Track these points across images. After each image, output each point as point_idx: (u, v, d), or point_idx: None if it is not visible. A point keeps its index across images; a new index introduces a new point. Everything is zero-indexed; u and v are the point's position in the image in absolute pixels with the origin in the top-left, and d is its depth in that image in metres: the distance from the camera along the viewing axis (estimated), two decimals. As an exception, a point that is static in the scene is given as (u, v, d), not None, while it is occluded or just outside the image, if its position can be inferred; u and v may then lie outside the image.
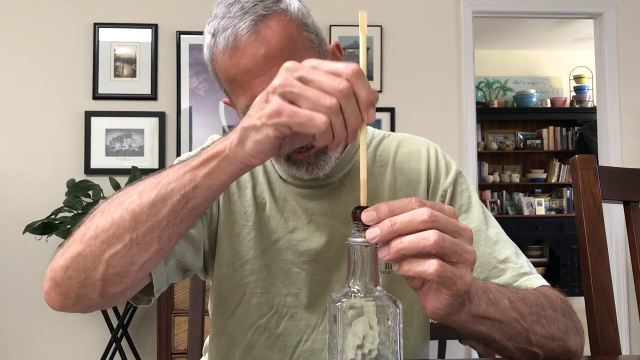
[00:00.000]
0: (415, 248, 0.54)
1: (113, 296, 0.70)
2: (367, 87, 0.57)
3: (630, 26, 3.25)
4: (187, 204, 0.65)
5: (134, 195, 0.67)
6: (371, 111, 0.57)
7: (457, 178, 0.96)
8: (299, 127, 0.57)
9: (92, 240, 0.67)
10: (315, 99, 0.56)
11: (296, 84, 0.57)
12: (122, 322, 2.65)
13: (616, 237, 3.11)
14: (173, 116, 2.95)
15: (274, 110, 0.57)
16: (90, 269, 0.67)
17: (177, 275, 0.86)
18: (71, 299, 0.69)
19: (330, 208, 0.92)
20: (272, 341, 0.90)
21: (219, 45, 0.79)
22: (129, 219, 0.65)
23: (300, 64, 0.59)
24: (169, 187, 0.65)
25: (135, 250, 0.66)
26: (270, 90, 0.59)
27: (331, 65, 0.57)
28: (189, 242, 0.84)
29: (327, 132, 0.56)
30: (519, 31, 5.37)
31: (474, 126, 3.14)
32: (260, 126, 0.59)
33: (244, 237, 0.91)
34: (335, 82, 0.56)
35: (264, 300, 0.90)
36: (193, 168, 0.65)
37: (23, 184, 2.85)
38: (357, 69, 0.57)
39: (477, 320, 0.66)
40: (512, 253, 0.91)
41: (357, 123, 0.57)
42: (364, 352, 0.55)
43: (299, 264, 0.90)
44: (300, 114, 0.56)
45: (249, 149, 0.61)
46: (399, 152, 0.97)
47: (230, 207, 0.92)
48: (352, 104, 0.56)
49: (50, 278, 0.70)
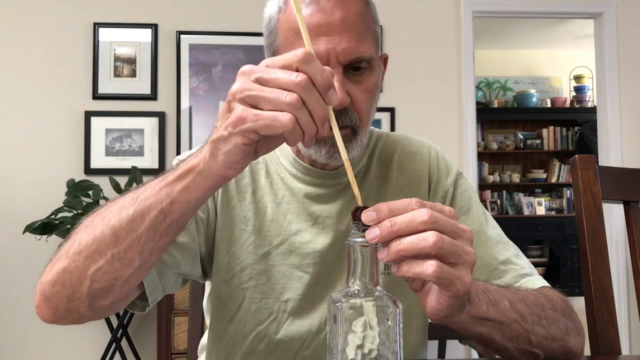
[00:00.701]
0: (414, 249, 0.54)
1: (102, 309, 0.70)
2: (320, 69, 0.56)
3: (630, 26, 3.25)
4: (165, 219, 0.64)
5: (114, 211, 0.67)
6: (331, 92, 0.57)
7: (458, 179, 0.96)
8: (265, 130, 0.56)
9: (76, 256, 0.67)
10: (275, 98, 0.55)
11: (254, 87, 0.57)
12: (122, 322, 2.64)
13: (616, 237, 3.11)
14: (173, 116, 2.95)
15: (237, 117, 0.57)
16: (76, 284, 0.67)
17: (177, 285, 0.86)
18: (61, 312, 0.70)
19: (336, 211, 0.91)
20: (273, 347, 0.89)
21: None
22: (109, 235, 0.65)
23: (255, 66, 0.58)
24: (146, 202, 0.65)
25: (118, 266, 0.66)
26: (230, 98, 0.58)
27: (282, 58, 0.57)
28: (185, 251, 0.84)
29: (295, 129, 0.56)
30: (519, 31, 5.37)
31: (474, 126, 3.14)
32: (227, 136, 0.59)
33: (242, 242, 0.90)
34: (292, 77, 0.55)
35: (263, 305, 0.89)
36: (169, 183, 0.64)
37: (23, 184, 2.85)
38: (305, 54, 0.56)
39: (477, 321, 0.65)
40: (513, 254, 0.91)
41: (323, 113, 0.57)
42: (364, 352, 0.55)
43: (303, 266, 0.90)
44: (263, 116, 0.56)
45: (221, 161, 0.60)
46: (400, 152, 0.97)
47: (229, 211, 0.91)
48: (313, 94, 0.56)
49: (40, 292, 0.71)
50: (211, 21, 2.99)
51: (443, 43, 3.13)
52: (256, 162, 0.94)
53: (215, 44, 2.97)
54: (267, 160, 0.94)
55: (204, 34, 2.97)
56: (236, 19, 2.98)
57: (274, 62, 0.58)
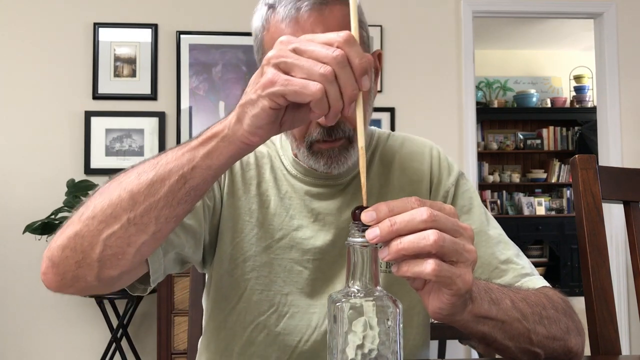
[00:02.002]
0: (414, 248, 0.54)
1: (110, 280, 0.69)
2: (359, 53, 0.57)
3: (630, 26, 3.25)
4: (185, 185, 0.64)
5: (132, 176, 0.66)
6: (365, 78, 0.57)
7: (459, 179, 0.97)
8: (293, 96, 0.56)
9: (90, 220, 0.66)
10: (309, 67, 0.56)
11: (290, 55, 0.57)
12: (122, 322, 2.64)
13: (616, 237, 3.11)
14: (173, 116, 2.95)
15: (268, 80, 0.57)
16: (87, 249, 0.67)
17: (175, 266, 0.86)
18: (68, 279, 0.69)
19: (336, 207, 0.92)
20: (272, 339, 0.90)
21: (278, 14, 0.80)
22: (126, 199, 0.65)
23: (294, 37, 0.59)
24: (167, 167, 0.64)
25: (133, 231, 0.65)
26: (264, 62, 0.59)
27: (324, 36, 0.58)
28: (190, 234, 0.84)
29: (322, 100, 0.56)
30: (519, 31, 5.37)
31: (474, 126, 3.14)
32: (256, 99, 0.59)
33: (246, 233, 0.91)
34: (329, 51, 0.56)
35: (264, 297, 0.90)
36: (192, 148, 0.64)
37: (23, 184, 2.85)
38: (349, 36, 0.57)
39: (479, 320, 0.65)
40: (514, 254, 0.91)
41: (353, 91, 0.57)
42: (364, 352, 0.55)
43: (303, 262, 0.90)
44: (294, 82, 0.56)
45: (246, 125, 0.60)
46: (402, 152, 0.97)
47: (235, 202, 0.92)
48: (347, 72, 0.56)
49: (48, 258, 0.70)
50: (211, 21, 2.99)
51: (443, 43, 3.13)
52: (262, 156, 0.95)
53: (215, 44, 2.97)
54: (272, 156, 0.95)
55: (204, 34, 2.97)
56: (236, 19, 2.98)
57: (314, 37, 0.58)
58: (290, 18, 0.79)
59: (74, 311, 2.84)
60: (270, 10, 0.81)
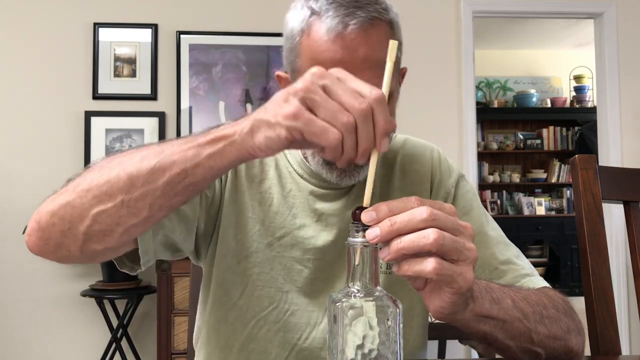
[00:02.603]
0: (415, 247, 0.54)
1: (93, 253, 0.70)
2: (386, 115, 0.56)
3: (630, 26, 3.25)
4: (185, 179, 0.64)
5: (134, 159, 0.66)
6: (385, 140, 0.57)
7: (459, 181, 0.97)
8: (311, 137, 0.56)
9: (84, 193, 0.67)
10: (333, 113, 0.55)
11: (319, 92, 0.56)
12: (122, 322, 2.65)
13: (616, 237, 3.11)
14: (173, 116, 2.95)
15: (291, 112, 0.57)
16: (76, 220, 0.67)
17: (166, 252, 0.85)
18: (50, 246, 0.70)
19: (339, 208, 0.92)
20: (272, 335, 0.90)
21: (322, 25, 0.78)
22: (125, 180, 0.65)
23: (327, 71, 0.58)
24: (171, 157, 0.64)
25: (124, 212, 0.66)
26: (291, 91, 0.58)
27: (356, 84, 0.57)
28: (182, 220, 0.84)
29: (337, 147, 0.56)
30: (519, 31, 5.37)
31: (474, 126, 3.14)
32: (274, 123, 0.58)
33: (249, 229, 0.91)
34: (357, 102, 0.55)
35: (265, 293, 0.90)
36: (199, 145, 0.64)
37: (23, 184, 2.85)
38: (381, 96, 0.56)
39: (480, 319, 0.66)
40: (513, 255, 0.91)
41: (369, 146, 0.57)
42: (364, 352, 0.55)
43: (303, 261, 0.91)
44: (316, 124, 0.56)
45: (258, 141, 0.60)
46: (403, 154, 0.98)
47: (238, 198, 0.92)
48: (368, 126, 0.56)
49: (35, 220, 0.70)
50: (211, 21, 2.99)
51: (443, 43, 3.13)
52: None
53: (215, 44, 2.97)
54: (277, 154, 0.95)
55: (204, 34, 2.97)
56: (236, 19, 2.98)
57: (347, 79, 0.58)
58: (336, 32, 0.77)
59: (74, 311, 2.84)
60: (314, 16, 0.79)
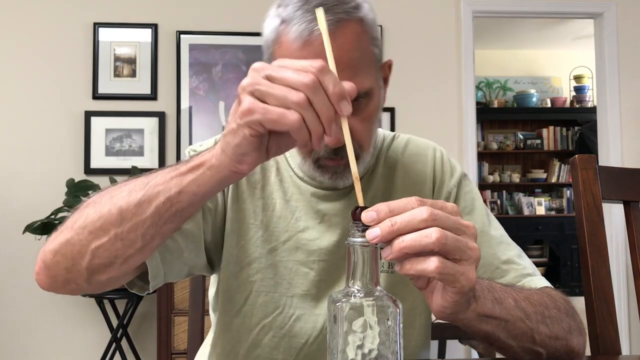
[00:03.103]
0: (417, 246, 0.54)
1: (100, 283, 0.72)
2: (334, 80, 0.57)
3: (630, 26, 3.25)
4: (171, 208, 0.66)
5: (123, 192, 0.69)
6: (344, 103, 0.57)
7: (462, 180, 0.97)
8: (271, 125, 0.57)
9: (81, 230, 0.69)
10: (283, 96, 0.56)
11: (263, 82, 0.58)
12: (122, 322, 2.64)
13: (616, 237, 3.11)
14: (173, 116, 2.95)
15: (245, 108, 0.58)
16: (77, 257, 0.69)
17: (181, 274, 0.86)
18: (59, 282, 0.73)
19: (342, 209, 0.92)
20: (277, 341, 0.90)
21: (290, 33, 0.78)
22: (115, 214, 0.68)
23: (268, 63, 0.60)
24: (155, 189, 0.67)
25: (119, 245, 0.68)
26: (240, 91, 0.60)
27: (297, 63, 0.58)
28: (189, 238, 0.84)
29: (301, 128, 0.57)
30: (519, 31, 5.37)
31: (474, 126, 3.14)
32: (236, 128, 0.60)
33: (251, 236, 0.91)
34: (301, 77, 0.56)
35: (270, 299, 0.90)
36: (180, 174, 0.66)
37: (23, 184, 2.85)
38: (322, 65, 0.57)
39: (483, 319, 0.66)
40: (515, 255, 0.91)
41: (330, 114, 0.57)
42: (364, 352, 0.55)
43: (309, 263, 0.90)
44: (271, 111, 0.57)
45: (230, 154, 0.62)
46: (406, 153, 0.98)
47: (240, 205, 0.92)
48: (320, 96, 0.56)
49: (41, 260, 0.73)
50: (211, 21, 2.99)
51: (443, 43, 3.13)
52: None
53: (215, 44, 2.97)
54: (278, 159, 0.96)
55: (204, 34, 2.97)
56: (236, 19, 2.98)
57: (287, 64, 0.59)
58: (302, 40, 0.77)
59: (74, 311, 2.84)
60: (283, 25, 0.80)
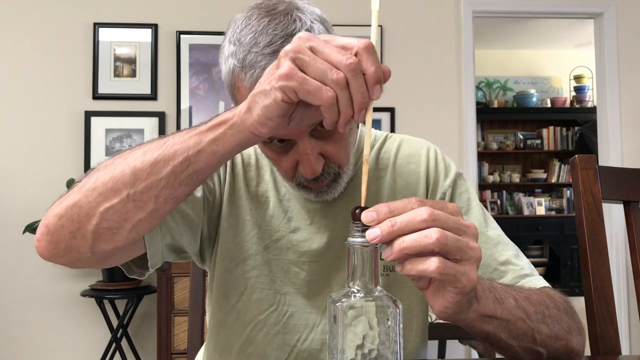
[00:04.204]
0: (417, 247, 0.54)
1: (103, 254, 0.70)
2: (376, 62, 0.56)
3: (630, 26, 3.25)
4: (189, 167, 0.65)
5: (138, 153, 0.67)
6: (377, 88, 0.57)
7: (457, 180, 0.96)
8: (306, 95, 0.57)
9: (90, 192, 0.67)
10: (323, 71, 0.56)
11: (307, 53, 0.57)
12: (122, 322, 2.65)
13: (616, 237, 3.11)
14: (173, 116, 2.95)
15: (284, 73, 0.57)
16: (83, 220, 0.67)
17: (171, 254, 0.86)
18: (60, 249, 0.70)
19: (332, 210, 0.92)
20: (271, 338, 0.90)
21: (245, 80, 0.78)
22: (129, 174, 0.66)
23: (313, 35, 0.58)
24: (173, 148, 0.65)
25: (131, 207, 0.66)
26: (282, 55, 0.58)
27: (343, 40, 0.57)
28: (188, 223, 0.84)
29: (332, 106, 0.56)
30: (519, 31, 5.37)
31: (474, 126, 3.14)
32: (269, 90, 0.58)
33: (247, 232, 0.91)
34: (344, 57, 0.55)
35: (264, 296, 0.90)
36: (200, 132, 0.65)
37: (23, 184, 2.85)
38: (369, 44, 0.56)
39: (484, 319, 0.66)
40: (513, 255, 0.90)
41: (364, 100, 0.56)
42: (364, 352, 0.55)
43: (299, 264, 0.91)
44: (309, 82, 0.56)
45: (256, 115, 0.60)
46: (399, 154, 0.97)
47: (236, 201, 0.92)
48: (359, 80, 0.56)
49: (43, 225, 0.70)
50: (211, 21, 2.99)
51: (443, 43, 3.13)
52: (263, 157, 0.95)
53: (215, 44, 2.97)
54: None
55: (204, 34, 2.97)
56: (236, 19, 2.98)
57: (334, 39, 0.58)
58: None
59: (74, 311, 2.84)
60: (239, 69, 0.78)
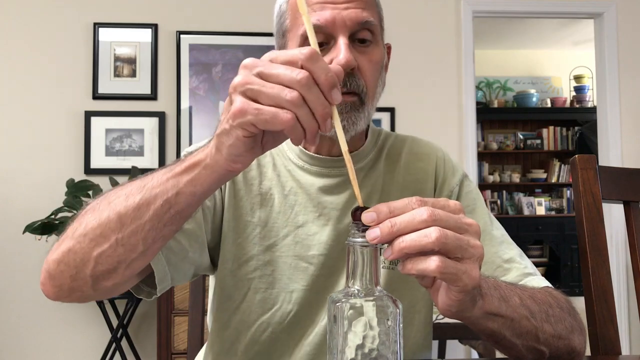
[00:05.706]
0: (417, 246, 0.54)
1: (105, 289, 0.72)
2: (325, 69, 0.55)
3: (630, 26, 3.25)
4: (170, 210, 0.65)
5: (121, 197, 0.68)
6: (334, 92, 0.56)
7: (463, 180, 0.98)
8: (265, 125, 0.56)
9: (82, 237, 0.69)
10: (276, 95, 0.55)
11: (255, 81, 0.56)
12: (122, 322, 2.64)
13: (616, 237, 3.11)
14: (173, 116, 2.95)
15: (237, 109, 0.56)
16: (80, 265, 0.69)
17: (187, 275, 0.87)
18: (64, 290, 0.72)
19: (341, 202, 0.92)
20: (276, 336, 0.90)
21: None
22: (115, 220, 0.67)
23: (257, 59, 0.58)
24: (152, 192, 0.66)
25: (121, 251, 0.67)
26: (231, 90, 0.58)
27: (287, 54, 0.56)
28: (192, 238, 0.85)
29: (295, 126, 0.55)
30: (519, 31, 5.37)
31: (474, 126, 3.14)
32: (229, 129, 0.58)
33: (248, 233, 0.91)
34: (294, 74, 0.54)
35: (268, 296, 0.91)
36: (176, 175, 0.65)
37: (23, 184, 2.84)
38: (311, 52, 0.55)
39: (489, 317, 0.66)
40: (517, 254, 0.92)
41: (325, 111, 0.56)
42: (364, 352, 0.55)
43: (308, 258, 0.91)
44: (263, 111, 0.55)
45: (225, 154, 0.60)
46: (408, 151, 0.99)
47: (237, 202, 0.92)
48: (314, 93, 0.55)
49: (45, 270, 0.73)
50: (211, 21, 2.99)
51: (443, 43, 3.13)
52: (263, 156, 0.95)
53: (215, 44, 2.97)
54: (274, 153, 0.96)
55: (204, 34, 2.97)
56: (236, 19, 2.98)
57: (277, 56, 0.57)
58: None
59: (74, 311, 2.84)
60: None
